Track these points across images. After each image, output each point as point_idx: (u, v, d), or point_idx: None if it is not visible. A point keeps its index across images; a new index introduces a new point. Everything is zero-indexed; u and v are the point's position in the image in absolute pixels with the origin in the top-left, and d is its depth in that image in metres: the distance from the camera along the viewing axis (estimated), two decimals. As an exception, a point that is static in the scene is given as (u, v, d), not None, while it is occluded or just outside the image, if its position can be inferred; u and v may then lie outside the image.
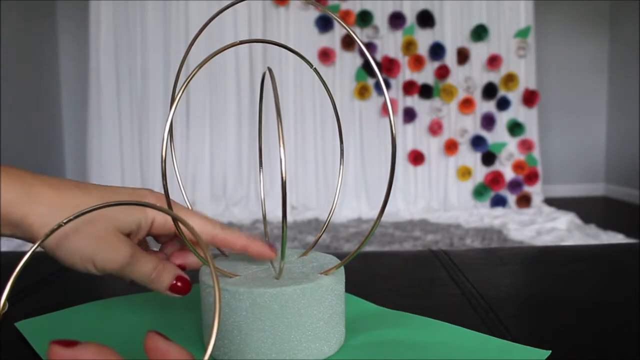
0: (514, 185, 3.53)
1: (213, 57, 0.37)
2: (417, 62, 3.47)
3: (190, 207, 0.44)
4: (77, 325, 0.45)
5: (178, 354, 0.25)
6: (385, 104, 3.48)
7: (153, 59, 3.44)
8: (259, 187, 0.56)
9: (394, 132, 0.36)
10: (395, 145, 0.36)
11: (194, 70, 0.37)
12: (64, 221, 0.27)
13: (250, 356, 0.38)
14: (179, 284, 0.40)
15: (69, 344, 0.24)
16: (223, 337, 0.38)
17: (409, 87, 3.49)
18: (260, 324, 0.37)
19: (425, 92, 3.50)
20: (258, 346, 0.37)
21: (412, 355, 0.39)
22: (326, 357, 0.39)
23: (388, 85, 3.49)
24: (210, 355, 0.24)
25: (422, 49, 3.49)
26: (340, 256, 0.45)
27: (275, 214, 3.26)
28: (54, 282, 0.59)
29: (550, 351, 0.40)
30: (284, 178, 0.34)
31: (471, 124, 3.56)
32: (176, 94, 0.37)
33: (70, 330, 0.44)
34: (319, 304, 0.38)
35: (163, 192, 0.40)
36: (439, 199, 3.55)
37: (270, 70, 0.40)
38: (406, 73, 3.51)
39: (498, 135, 3.57)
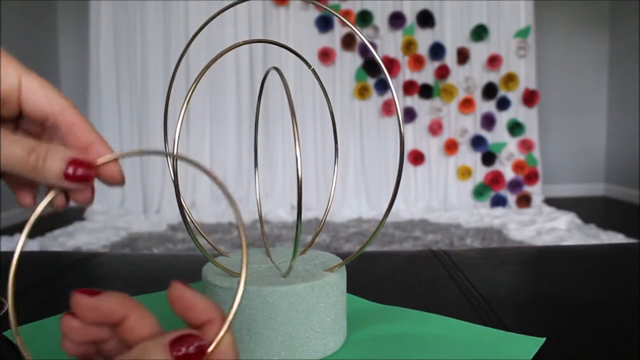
0: (514, 185, 3.53)
1: (218, 58, 0.38)
2: (417, 62, 3.47)
3: (188, 210, 0.44)
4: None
5: (206, 306, 0.24)
6: (385, 104, 3.49)
7: (153, 59, 3.44)
8: (257, 187, 0.56)
9: (402, 130, 0.36)
10: (404, 143, 0.36)
11: (199, 74, 0.37)
12: None
13: (259, 355, 0.38)
14: (74, 170, 0.27)
15: (93, 292, 0.24)
16: None
17: (409, 87, 3.48)
18: (270, 322, 0.37)
19: (425, 92, 3.50)
20: (268, 344, 0.37)
21: (413, 348, 0.40)
22: (332, 352, 0.40)
23: (388, 85, 3.48)
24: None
25: (422, 49, 3.49)
26: (340, 255, 0.46)
27: (275, 214, 3.27)
28: (53, 283, 0.59)
29: (545, 338, 0.41)
30: (300, 177, 0.35)
31: (471, 124, 3.56)
32: (185, 98, 0.38)
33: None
34: (326, 300, 0.39)
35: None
36: (439, 199, 3.55)
37: (278, 70, 0.40)
38: (406, 73, 3.51)
39: (498, 135, 3.57)
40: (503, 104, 3.53)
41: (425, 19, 3.46)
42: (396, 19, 3.45)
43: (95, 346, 0.26)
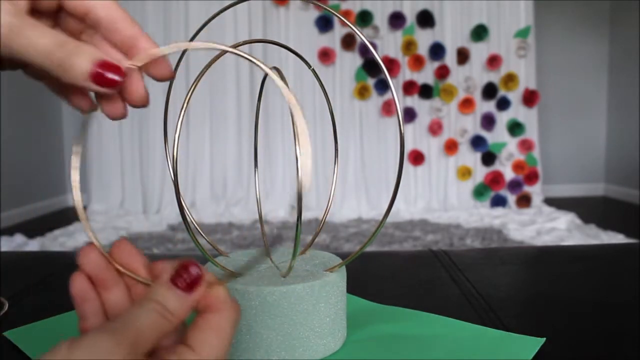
0: (514, 185, 3.53)
1: (218, 58, 0.38)
2: (417, 62, 3.47)
3: (188, 210, 0.44)
4: (73, 331, 0.45)
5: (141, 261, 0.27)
6: (385, 104, 3.49)
7: (153, 59, 3.43)
8: (256, 187, 0.55)
9: (402, 130, 0.36)
10: (404, 143, 0.36)
11: (199, 74, 0.37)
12: None
13: (259, 355, 0.38)
14: (103, 71, 0.25)
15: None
16: None
17: (409, 87, 3.48)
18: (270, 322, 0.37)
19: (425, 92, 3.50)
20: (268, 344, 0.38)
21: (413, 348, 0.40)
22: (332, 352, 0.40)
23: (388, 86, 3.48)
24: None
25: (422, 49, 3.49)
26: (340, 255, 0.46)
27: (275, 214, 3.27)
28: (53, 283, 0.59)
29: (545, 338, 0.41)
30: (300, 177, 0.35)
31: (471, 124, 3.56)
32: (185, 98, 0.38)
33: (66, 335, 0.44)
34: (326, 300, 0.39)
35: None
36: (439, 199, 3.55)
37: (278, 70, 0.40)
38: (406, 73, 3.51)
39: (498, 135, 3.57)
40: (503, 104, 3.53)
41: (425, 19, 3.46)
42: (396, 19, 3.45)
43: (99, 296, 0.28)
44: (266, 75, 0.46)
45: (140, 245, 2.60)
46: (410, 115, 3.49)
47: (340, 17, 0.37)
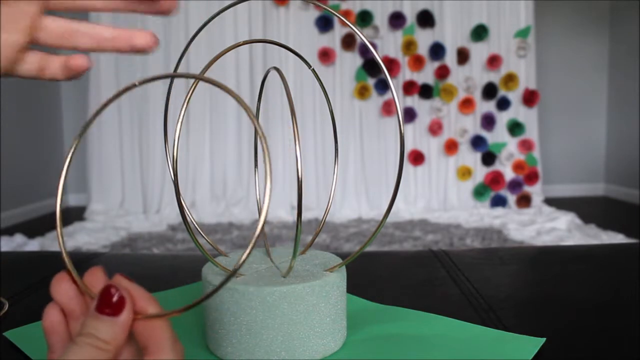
0: (514, 185, 3.53)
1: (218, 58, 0.38)
2: (417, 62, 3.47)
3: (188, 210, 0.44)
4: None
5: (141, 296, 0.27)
6: (385, 104, 3.49)
7: (153, 59, 3.44)
8: (256, 187, 0.56)
9: (402, 130, 0.36)
10: (404, 143, 0.36)
11: (200, 73, 0.37)
12: None
13: (259, 355, 0.38)
14: (72, 61, 0.34)
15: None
16: (231, 336, 0.38)
17: (409, 87, 3.48)
18: (270, 322, 0.37)
19: (425, 92, 3.50)
20: (268, 345, 0.38)
21: (413, 348, 0.40)
22: (332, 352, 0.40)
23: (388, 85, 3.47)
24: (216, 354, 0.24)
25: (422, 49, 3.49)
26: (340, 255, 0.46)
27: (275, 214, 3.27)
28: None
29: (545, 338, 0.41)
30: (300, 177, 0.35)
31: (471, 124, 3.56)
32: (185, 98, 0.38)
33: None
34: (326, 300, 0.39)
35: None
36: (439, 199, 3.55)
37: (278, 70, 0.40)
38: (406, 73, 3.51)
39: (498, 135, 3.57)
40: (503, 104, 3.53)
41: (425, 19, 3.46)
42: (396, 19, 3.45)
43: (67, 327, 0.28)
44: (266, 75, 0.46)
45: (140, 245, 2.60)
46: (410, 115, 3.49)
47: (340, 17, 0.37)
